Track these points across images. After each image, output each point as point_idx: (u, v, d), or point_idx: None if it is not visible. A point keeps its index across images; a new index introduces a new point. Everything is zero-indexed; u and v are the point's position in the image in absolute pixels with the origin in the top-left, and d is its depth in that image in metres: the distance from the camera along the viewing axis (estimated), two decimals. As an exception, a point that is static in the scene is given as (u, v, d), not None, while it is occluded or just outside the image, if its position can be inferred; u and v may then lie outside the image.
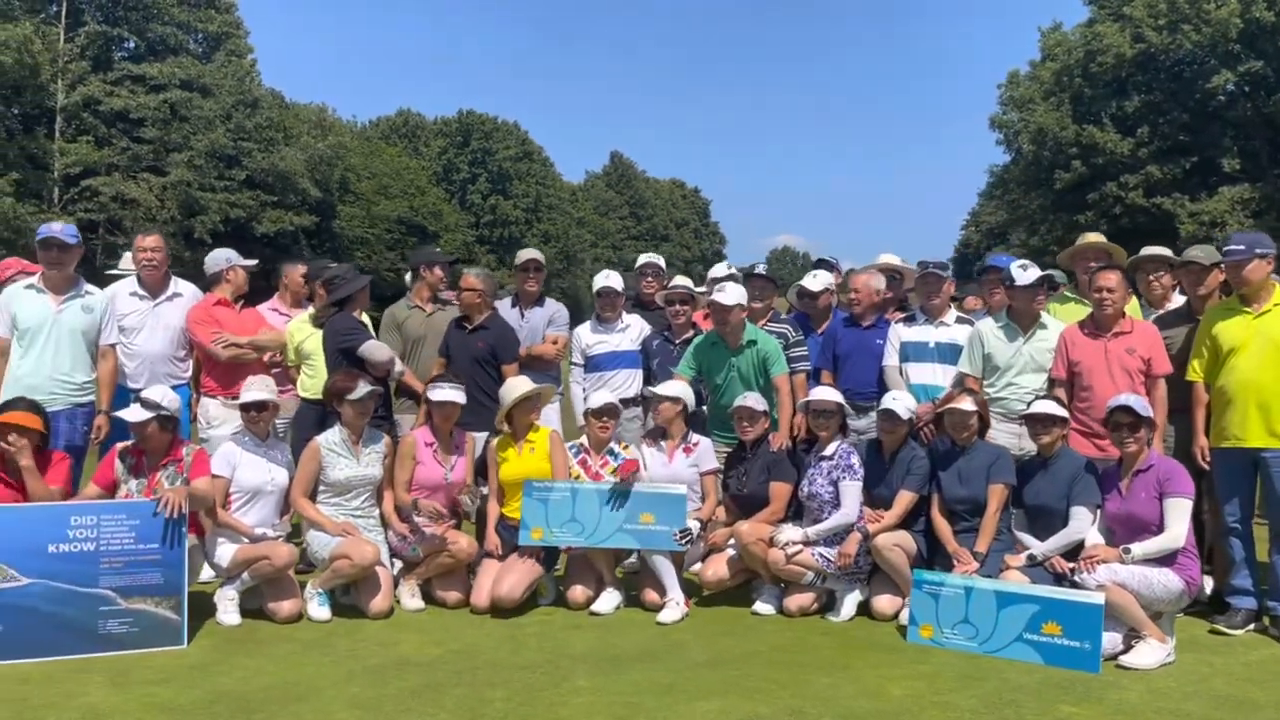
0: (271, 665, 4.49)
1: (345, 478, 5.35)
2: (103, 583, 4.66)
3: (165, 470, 5.09)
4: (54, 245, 5.57)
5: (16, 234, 32.67)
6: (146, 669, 4.42)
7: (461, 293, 5.97)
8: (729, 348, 5.76)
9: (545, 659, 4.58)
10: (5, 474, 4.87)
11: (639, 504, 5.32)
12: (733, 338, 5.73)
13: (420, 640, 4.86)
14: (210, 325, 6.09)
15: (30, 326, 5.48)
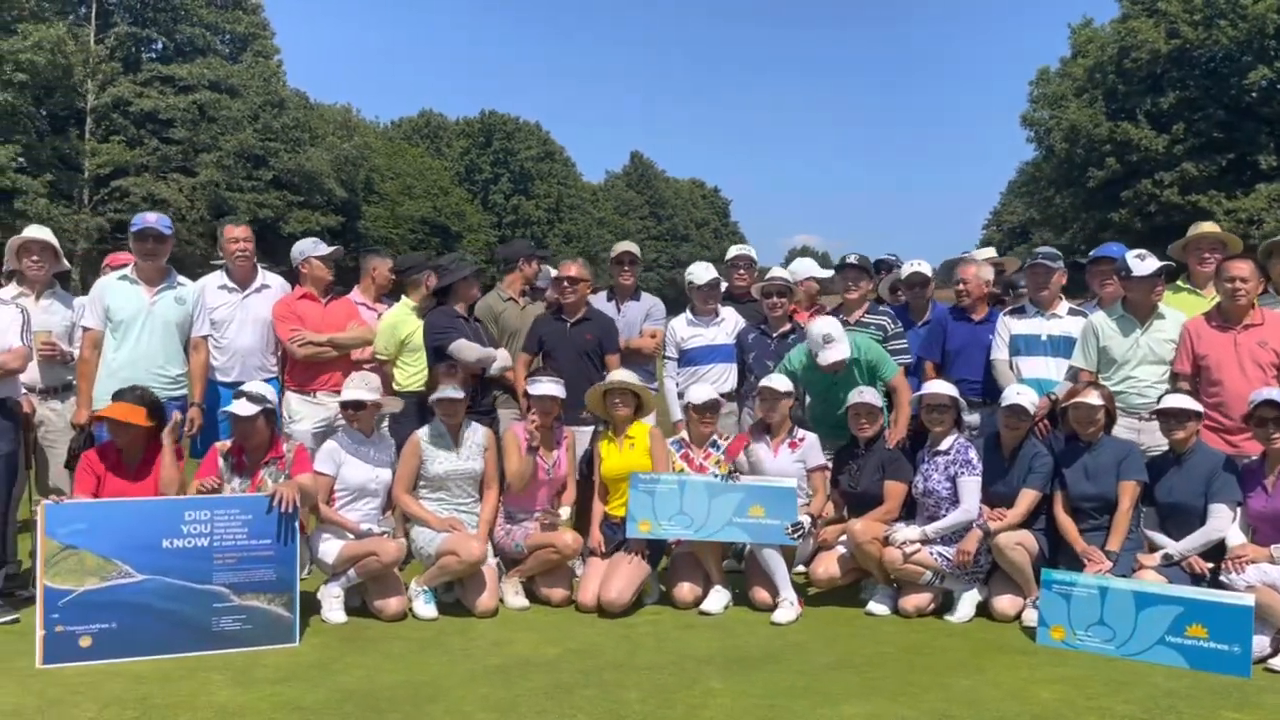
0: (390, 664, 4.39)
1: (445, 472, 5.24)
2: (216, 579, 4.57)
3: (268, 467, 4.99)
4: (149, 236, 5.49)
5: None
6: (265, 667, 4.33)
7: (566, 284, 5.84)
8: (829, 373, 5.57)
9: (668, 660, 4.45)
10: (121, 465, 4.79)
11: (749, 497, 5.18)
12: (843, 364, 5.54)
13: (535, 639, 4.74)
14: (291, 321, 5.97)
15: (124, 318, 5.40)
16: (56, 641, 4.33)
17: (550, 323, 5.93)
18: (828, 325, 5.48)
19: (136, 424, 4.74)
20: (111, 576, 4.43)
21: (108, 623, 4.39)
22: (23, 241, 5.51)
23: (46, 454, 5.45)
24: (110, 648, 4.38)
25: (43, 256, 5.48)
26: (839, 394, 5.57)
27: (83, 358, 5.39)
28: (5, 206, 31.69)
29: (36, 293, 5.50)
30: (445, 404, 5.22)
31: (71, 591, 4.37)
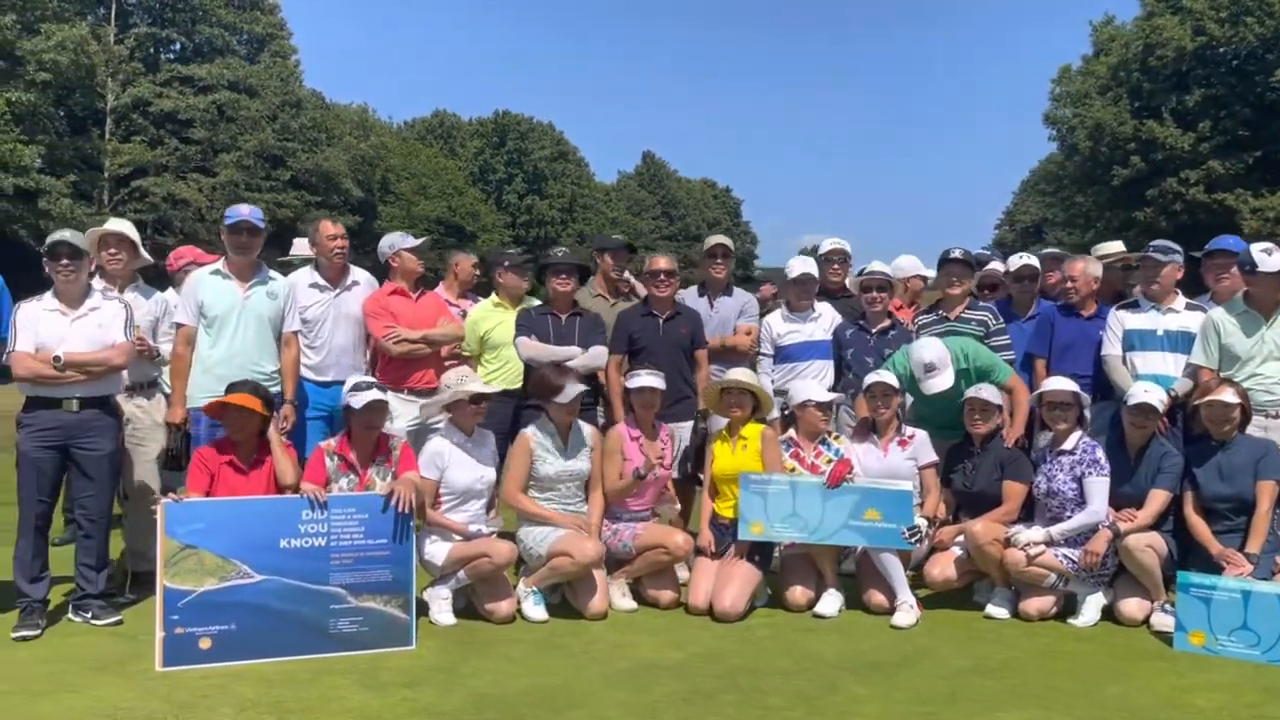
0: (514, 668, 4.27)
1: (555, 473, 5.12)
2: (333, 580, 4.46)
3: (375, 465, 4.88)
4: (243, 229, 5.38)
5: (73, 234, 32.96)
6: (389, 671, 4.21)
7: (663, 277, 5.71)
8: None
9: (799, 665, 4.33)
10: (236, 460, 4.68)
11: (864, 500, 5.04)
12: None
13: (655, 643, 4.62)
14: (384, 318, 5.87)
15: (219, 314, 5.29)
16: (176, 643, 4.22)
17: (639, 319, 5.80)
18: (930, 353, 5.29)
19: (257, 412, 4.64)
20: (230, 577, 4.33)
21: (226, 624, 4.29)
22: (100, 235, 5.41)
23: (132, 453, 5.35)
24: (229, 650, 4.27)
25: (120, 249, 5.37)
26: (940, 400, 5.44)
27: (176, 354, 5.28)
28: (29, 206, 31.71)
29: (119, 287, 5.40)
30: (558, 406, 5.09)
31: (191, 592, 4.27)
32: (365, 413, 4.78)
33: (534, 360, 5.54)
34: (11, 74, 31.29)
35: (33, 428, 4.71)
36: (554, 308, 5.76)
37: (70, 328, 4.75)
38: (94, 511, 4.84)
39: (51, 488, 4.78)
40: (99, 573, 4.89)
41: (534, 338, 5.62)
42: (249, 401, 4.66)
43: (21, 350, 4.66)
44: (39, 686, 3.98)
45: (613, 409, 5.69)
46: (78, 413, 4.74)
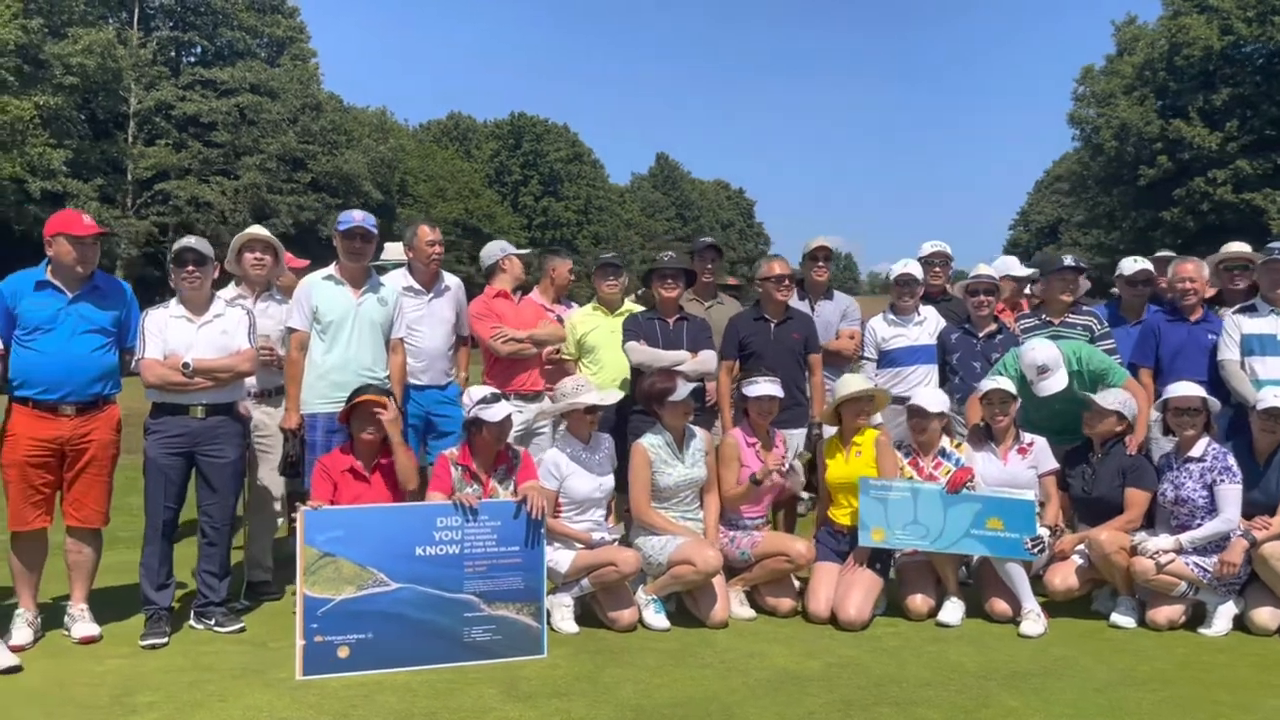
0: (654, 678, 4.22)
1: (674, 483, 5.07)
2: (467, 587, 4.42)
3: (497, 473, 4.85)
4: (357, 234, 5.35)
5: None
6: (529, 680, 4.17)
7: (788, 282, 5.66)
8: None
9: (942, 676, 4.27)
10: (358, 467, 4.65)
11: (986, 509, 4.98)
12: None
13: (788, 652, 4.57)
14: (490, 320, 5.86)
15: (333, 320, 5.25)
16: (316, 652, 4.19)
17: (751, 323, 5.75)
18: (1042, 354, 5.26)
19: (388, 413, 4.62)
20: (367, 585, 4.29)
21: (364, 633, 4.26)
22: (246, 239, 5.40)
23: (259, 459, 5.33)
24: (366, 659, 4.24)
25: (265, 254, 5.37)
26: (1053, 403, 5.39)
27: (290, 360, 5.25)
28: (57, 208, 31.81)
29: (255, 294, 5.38)
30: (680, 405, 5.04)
31: (330, 600, 4.24)
32: (499, 426, 4.74)
33: (644, 365, 5.50)
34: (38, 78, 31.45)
35: (160, 434, 4.70)
36: (661, 312, 5.72)
37: (196, 334, 4.74)
38: (218, 519, 4.82)
39: (178, 494, 4.77)
40: (221, 580, 4.87)
41: (643, 342, 5.58)
42: (380, 400, 4.63)
43: (151, 357, 4.65)
44: (187, 696, 3.95)
45: (724, 416, 5.64)
46: (204, 419, 4.73)
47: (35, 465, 4.52)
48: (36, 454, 4.51)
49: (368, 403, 4.62)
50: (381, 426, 4.65)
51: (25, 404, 4.52)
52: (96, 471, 4.66)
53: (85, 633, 4.61)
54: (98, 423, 4.64)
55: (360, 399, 4.64)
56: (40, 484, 4.56)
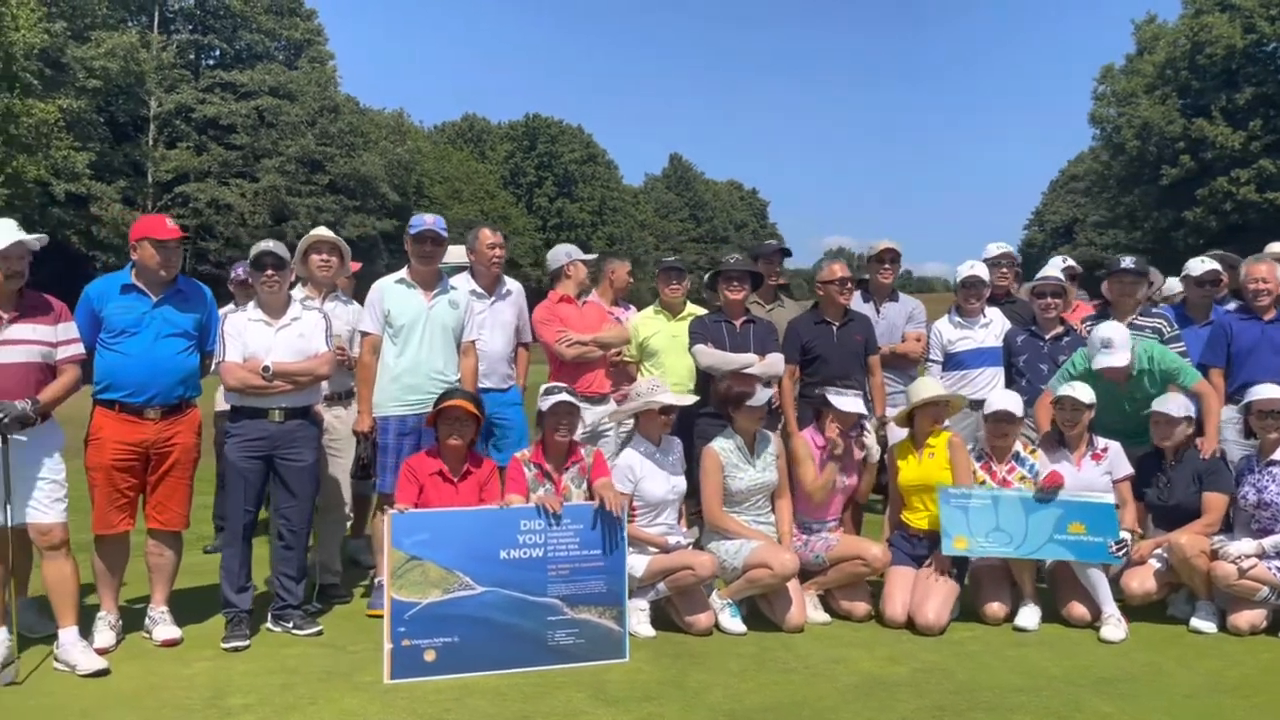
0: (741, 682, 4.20)
1: (746, 487, 5.05)
2: (550, 591, 4.42)
3: (569, 472, 4.85)
4: (428, 238, 5.34)
5: (124, 239, 33.38)
6: (616, 685, 4.16)
7: (851, 285, 5.64)
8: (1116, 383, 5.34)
9: (1031, 681, 4.23)
10: (445, 471, 4.66)
11: (1068, 513, 4.95)
12: (1121, 381, 5.32)
13: (871, 657, 4.55)
14: (555, 324, 5.87)
15: (405, 323, 5.26)
16: (403, 655, 4.20)
17: (813, 327, 5.72)
18: (1111, 330, 5.27)
19: (474, 416, 4.64)
20: (453, 588, 4.30)
21: (450, 636, 4.26)
22: (312, 241, 5.42)
23: (328, 462, 5.34)
24: (453, 662, 4.24)
25: (331, 256, 5.40)
26: (1123, 405, 5.35)
27: (362, 363, 5.26)
28: (81, 211, 32.11)
29: (322, 295, 5.40)
30: (755, 410, 5.03)
31: (416, 604, 4.25)
32: (551, 415, 4.74)
33: (713, 369, 5.49)
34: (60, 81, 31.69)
35: (239, 438, 4.72)
36: (727, 315, 5.70)
37: (275, 337, 4.75)
38: (295, 522, 4.83)
39: (257, 498, 4.78)
40: (299, 583, 4.88)
41: (710, 345, 5.57)
42: (468, 405, 4.64)
43: (231, 360, 4.67)
44: (279, 699, 3.96)
45: (789, 419, 5.63)
46: (282, 423, 4.74)
47: (120, 469, 4.54)
48: (122, 457, 4.53)
49: (454, 407, 4.62)
50: (468, 431, 4.66)
51: (111, 407, 4.54)
52: (179, 474, 4.69)
53: (167, 635, 4.63)
54: (181, 426, 4.66)
55: (447, 404, 4.64)
56: (125, 487, 4.58)
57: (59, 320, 4.37)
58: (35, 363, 4.27)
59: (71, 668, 4.22)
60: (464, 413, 4.67)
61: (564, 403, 4.72)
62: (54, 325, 4.34)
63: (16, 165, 26.71)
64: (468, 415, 4.68)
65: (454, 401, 4.67)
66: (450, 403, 4.67)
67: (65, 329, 4.39)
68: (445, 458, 4.72)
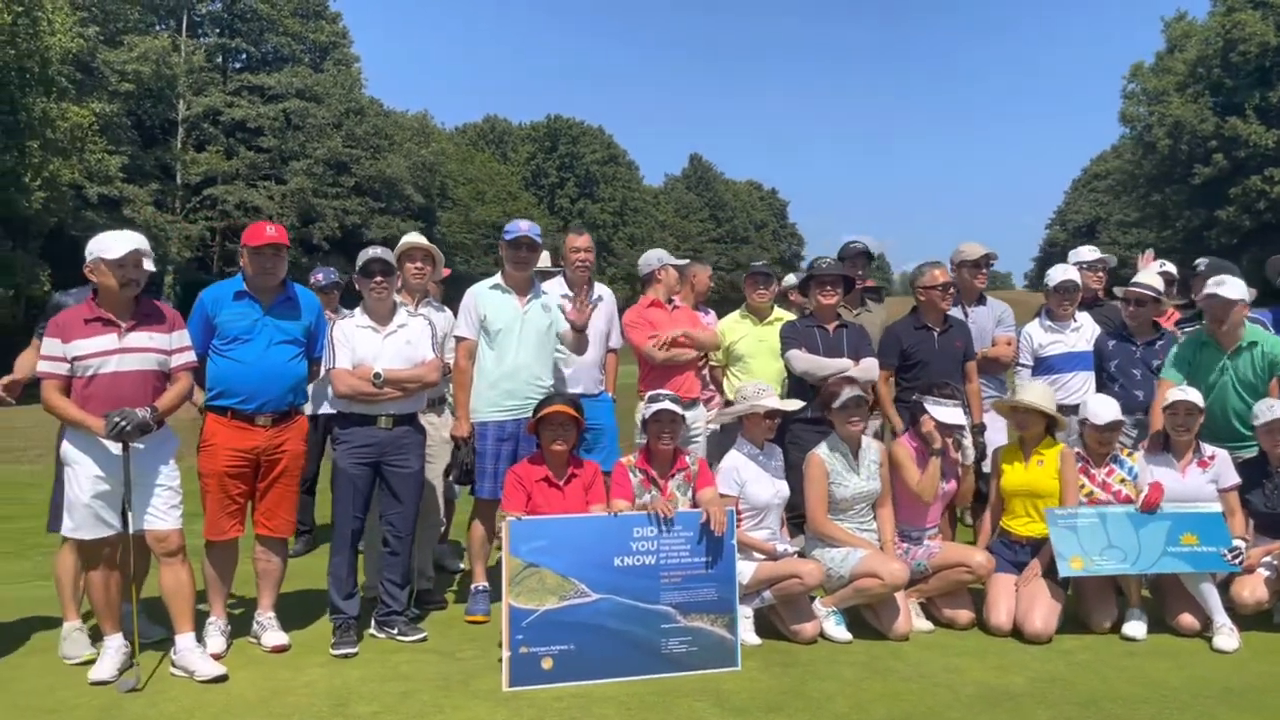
0: (861, 691, 4.17)
1: (850, 495, 5.01)
2: (664, 599, 4.41)
3: (674, 480, 4.83)
4: (523, 244, 5.34)
5: (155, 242, 33.68)
6: (734, 693, 4.13)
7: (953, 290, 5.60)
8: (1222, 349, 5.29)
9: (1153, 692, 4.18)
10: (551, 476, 4.65)
11: (1177, 524, 4.90)
12: (1229, 338, 5.27)
13: (982, 665, 4.50)
14: (645, 328, 5.86)
15: (500, 328, 5.26)
16: (521, 663, 4.19)
17: (914, 332, 5.68)
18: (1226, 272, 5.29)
19: (577, 421, 4.63)
20: (569, 596, 4.29)
21: (566, 644, 4.25)
22: (406, 248, 5.43)
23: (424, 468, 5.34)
24: (569, 670, 4.24)
25: (425, 263, 5.41)
26: (1230, 402, 5.27)
27: (459, 368, 5.26)
28: (114, 214, 32.37)
29: (415, 301, 5.40)
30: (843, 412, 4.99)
31: (534, 611, 4.24)
32: (654, 423, 4.73)
33: (808, 374, 5.46)
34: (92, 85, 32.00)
35: (349, 444, 4.73)
36: (820, 319, 5.67)
37: (382, 344, 4.77)
38: (401, 528, 4.84)
39: (365, 504, 4.79)
40: (403, 589, 4.89)
41: (804, 350, 5.54)
42: (570, 410, 4.63)
43: (341, 367, 4.68)
44: (404, 707, 3.96)
45: (891, 421, 5.59)
46: (390, 430, 4.75)
47: (233, 475, 4.56)
48: (234, 464, 4.55)
49: (558, 413, 4.62)
50: (571, 436, 4.65)
51: (223, 414, 4.56)
52: (288, 481, 4.70)
53: (276, 641, 4.64)
54: (290, 433, 4.67)
55: (549, 409, 4.63)
56: (236, 494, 4.60)
57: (173, 328, 4.39)
58: (152, 370, 4.29)
59: (190, 673, 4.24)
60: (566, 417, 4.66)
61: (666, 410, 4.70)
62: (169, 333, 4.36)
63: (53, 168, 26.97)
64: (570, 420, 4.67)
65: (556, 407, 4.67)
66: (552, 408, 4.66)
67: (179, 337, 4.40)
68: (549, 463, 4.71)
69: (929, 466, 5.05)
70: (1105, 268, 6.33)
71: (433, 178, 49.94)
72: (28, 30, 25.68)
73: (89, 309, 4.24)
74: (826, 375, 5.37)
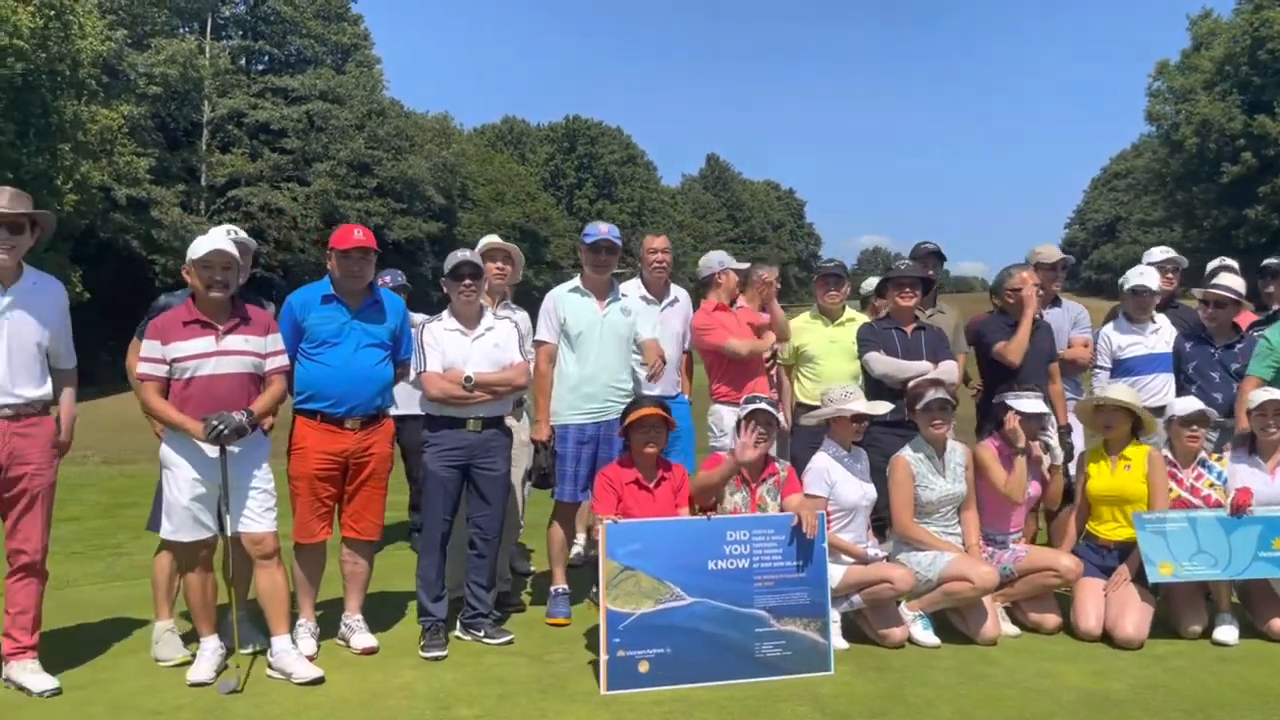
0: (961, 697, 4.13)
1: (937, 498, 4.99)
2: (757, 602, 4.39)
3: (764, 484, 4.81)
4: (603, 247, 5.33)
5: (183, 243, 33.92)
6: (833, 698, 4.11)
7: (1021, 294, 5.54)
8: None
9: (1255, 699, 4.12)
10: (641, 479, 4.64)
11: (1268, 529, 4.84)
12: None
13: (1077, 671, 4.46)
14: (719, 329, 5.83)
15: (581, 331, 5.27)
16: (619, 666, 4.18)
17: (1007, 330, 5.62)
18: None
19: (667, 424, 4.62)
20: (664, 599, 4.28)
21: (662, 647, 4.24)
22: (487, 249, 5.44)
23: (505, 470, 5.35)
24: (665, 673, 4.23)
25: (506, 263, 5.41)
26: None
27: (539, 372, 5.26)
28: (142, 216, 32.66)
29: (495, 303, 5.41)
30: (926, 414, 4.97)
31: (630, 615, 4.23)
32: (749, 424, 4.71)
33: (888, 377, 5.43)
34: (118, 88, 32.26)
35: (439, 447, 4.74)
36: (898, 321, 5.64)
37: (471, 347, 4.77)
38: (488, 531, 4.84)
39: (454, 506, 4.80)
40: (489, 591, 4.90)
41: (883, 352, 5.51)
42: (662, 412, 4.63)
43: (432, 370, 4.69)
44: (504, 711, 3.95)
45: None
46: (479, 432, 4.76)
47: (322, 479, 4.57)
48: (324, 467, 4.56)
49: (650, 415, 4.61)
50: (662, 438, 4.64)
51: (312, 417, 4.58)
52: (375, 484, 4.71)
53: (366, 644, 4.66)
54: (378, 436, 4.68)
55: (642, 412, 4.62)
56: (325, 496, 4.61)
57: (268, 331, 4.41)
58: (248, 374, 4.31)
59: (287, 676, 4.25)
60: (658, 419, 4.65)
61: (761, 411, 4.69)
62: (264, 336, 4.38)
63: (83, 171, 27.20)
64: (661, 422, 4.66)
65: (648, 410, 4.65)
66: (645, 411, 4.65)
67: (273, 340, 4.42)
68: (639, 465, 4.70)
69: (1015, 467, 5.01)
70: (1176, 268, 6.26)
71: (454, 179, 50.09)
72: (58, 34, 25.92)
73: (187, 311, 4.27)
74: (907, 378, 5.34)
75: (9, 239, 4.07)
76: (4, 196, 4.09)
